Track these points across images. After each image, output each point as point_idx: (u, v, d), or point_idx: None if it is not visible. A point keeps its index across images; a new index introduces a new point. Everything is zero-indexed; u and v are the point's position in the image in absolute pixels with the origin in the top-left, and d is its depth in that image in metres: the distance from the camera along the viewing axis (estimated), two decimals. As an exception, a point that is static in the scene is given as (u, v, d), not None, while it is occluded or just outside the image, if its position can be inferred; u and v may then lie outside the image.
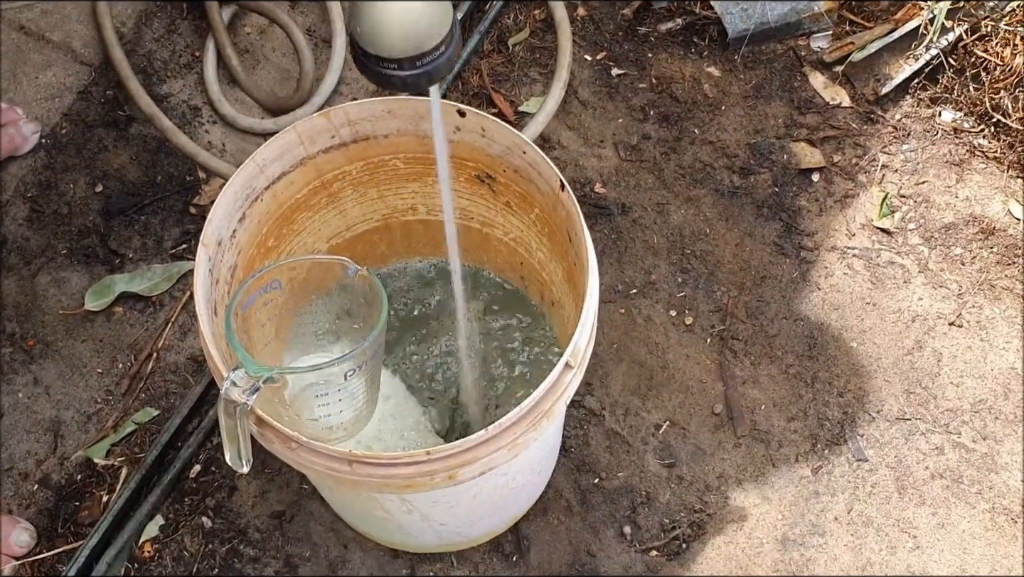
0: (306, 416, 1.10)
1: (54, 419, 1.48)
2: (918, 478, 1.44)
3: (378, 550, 1.40)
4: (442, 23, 0.88)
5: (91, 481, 1.44)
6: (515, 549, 1.40)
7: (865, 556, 1.40)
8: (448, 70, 0.92)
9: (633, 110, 1.69)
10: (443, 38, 0.89)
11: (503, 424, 0.99)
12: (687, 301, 1.55)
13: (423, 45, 0.88)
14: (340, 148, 1.18)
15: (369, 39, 0.88)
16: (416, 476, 1.00)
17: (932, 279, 1.56)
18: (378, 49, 0.88)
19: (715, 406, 1.49)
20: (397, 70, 0.89)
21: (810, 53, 1.73)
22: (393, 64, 0.89)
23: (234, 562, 1.40)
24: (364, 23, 0.87)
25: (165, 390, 1.50)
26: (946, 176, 1.63)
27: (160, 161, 1.65)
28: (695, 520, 1.42)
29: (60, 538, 1.41)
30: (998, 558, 1.39)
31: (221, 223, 1.10)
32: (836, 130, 1.67)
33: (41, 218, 1.61)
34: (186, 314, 1.55)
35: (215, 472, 1.44)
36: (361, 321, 1.12)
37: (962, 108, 1.66)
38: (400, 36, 0.87)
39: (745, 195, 1.63)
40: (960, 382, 1.50)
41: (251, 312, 1.09)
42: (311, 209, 1.24)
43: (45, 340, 1.53)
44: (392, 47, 0.88)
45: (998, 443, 1.46)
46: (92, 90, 1.70)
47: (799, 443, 1.46)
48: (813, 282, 1.57)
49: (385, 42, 0.87)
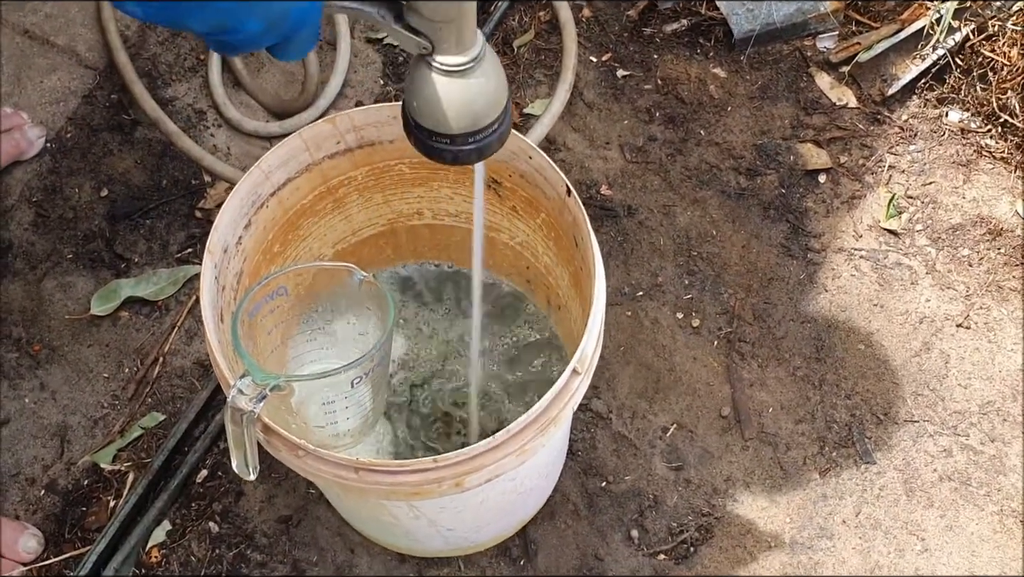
0: (313, 423, 1.10)
1: (60, 424, 1.48)
2: (926, 480, 1.44)
3: (385, 555, 1.40)
4: (498, 103, 0.88)
5: (98, 486, 1.44)
6: (522, 553, 1.40)
7: (873, 559, 1.39)
8: (499, 146, 0.91)
9: (639, 111, 1.69)
10: (498, 116, 0.88)
11: (511, 431, 0.99)
12: (694, 303, 1.55)
13: (478, 123, 0.88)
14: (346, 154, 1.17)
15: (424, 114, 0.87)
16: (423, 483, 1.00)
17: (939, 280, 1.55)
18: (432, 124, 0.87)
19: (722, 409, 1.48)
20: (449, 145, 0.89)
21: (816, 54, 1.72)
22: (445, 139, 0.88)
23: (241, 567, 1.39)
24: (420, 98, 0.86)
25: (171, 395, 1.50)
26: (953, 177, 1.62)
27: (165, 165, 1.65)
28: (703, 523, 1.42)
29: (67, 544, 1.41)
30: (1006, 560, 1.39)
31: (227, 230, 1.10)
32: (843, 131, 1.67)
33: (46, 223, 1.61)
34: (192, 318, 1.54)
35: (222, 477, 1.44)
36: (367, 328, 1.12)
37: (969, 108, 1.65)
38: (455, 115, 0.86)
39: (751, 196, 1.62)
40: (968, 384, 1.49)
41: (257, 319, 1.09)
42: (317, 215, 1.24)
43: (51, 345, 1.53)
44: (447, 124, 0.87)
45: (1006, 445, 1.45)
46: (97, 94, 1.69)
47: (807, 446, 1.46)
48: (820, 284, 1.56)
49: (440, 119, 0.87)
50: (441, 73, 0.85)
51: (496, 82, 0.87)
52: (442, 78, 0.85)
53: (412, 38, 0.83)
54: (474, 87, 0.86)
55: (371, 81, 1.72)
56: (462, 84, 0.85)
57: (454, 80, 0.85)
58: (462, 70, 0.84)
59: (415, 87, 0.87)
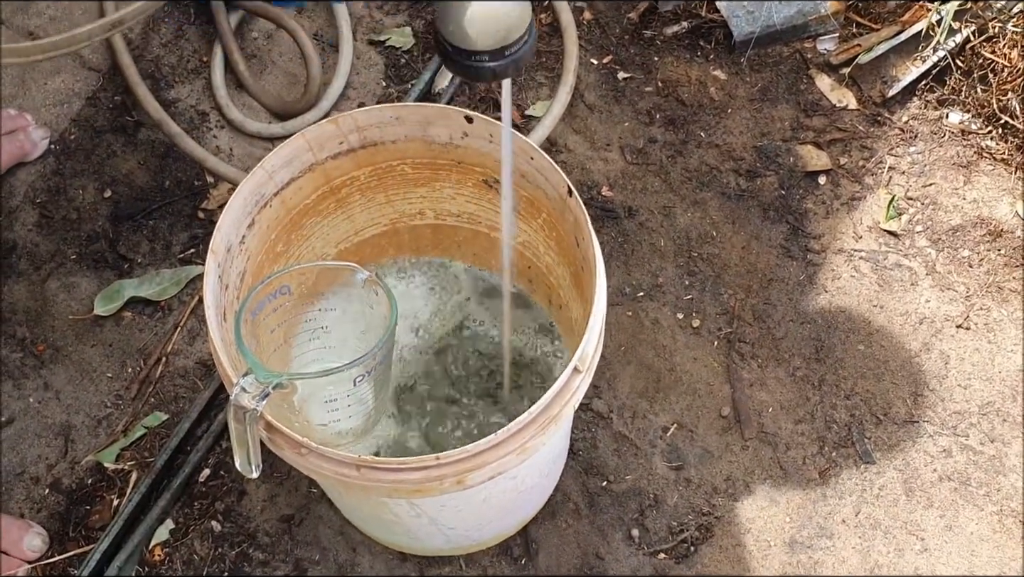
0: (315, 421, 1.10)
1: (64, 424, 1.49)
2: (926, 480, 1.44)
3: (387, 553, 1.40)
4: (524, 13, 0.93)
5: (101, 485, 1.45)
6: (524, 552, 1.40)
7: (873, 558, 1.40)
8: (531, 58, 0.99)
9: (639, 113, 1.69)
10: (526, 28, 0.94)
11: (512, 429, 1.00)
12: (694, 304, 1.56)
13: (510, 36, 0.93)
14: (348, 154, 1.18)
15: (460, 36, 0.93)
16: (425, 481, 1.00)
17: (939, 281, 1.56)
18: (469, 44, 0.93)
19: (722, 409, 1.49)
20: (488, 61, 0.94)
21: (816, 55, 1.73)
22: (485, 56, 0.94)
23: (244, 566, 1.40)
24: (454, 21, 0.92)
25: (174, 394, 1.51)
26: (953, 178, 1.63)
27: (168, 166, 1.66)
28: (703, 523, 1.42)
29: (71, 542, 1.42)
30: (1006, 560, 1.39)
31: (230, 230, 1.11)
32: (843, 132, 1.67)
33: (50, 224, 1.61)
34: (195, 318, 1.55)
35: (224, 476, 1.45)
36: (370, 326, 1.13)
37: (969, 110, 1.66)
38: (491, 30, 0.92)
39: (751, 198, 1.63)
40: (968, 384, 1.50)
41: (260, 318, 1.09)
42: (319, 214, 1.24)
43: (55, 345, 1.54)
44: (483, 41, 0.93)
45: (1006, 445, 1.46)
46: (100, 96, 1.70)
47: (806, 445, 1.47)
48: (820, 285, 1.57)
49: (476, 37, 0.92)
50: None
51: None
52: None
53: None
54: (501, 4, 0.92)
55: (373, 83, 1.73)
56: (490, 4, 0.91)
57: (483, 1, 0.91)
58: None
59: (448, 14, 0.92)
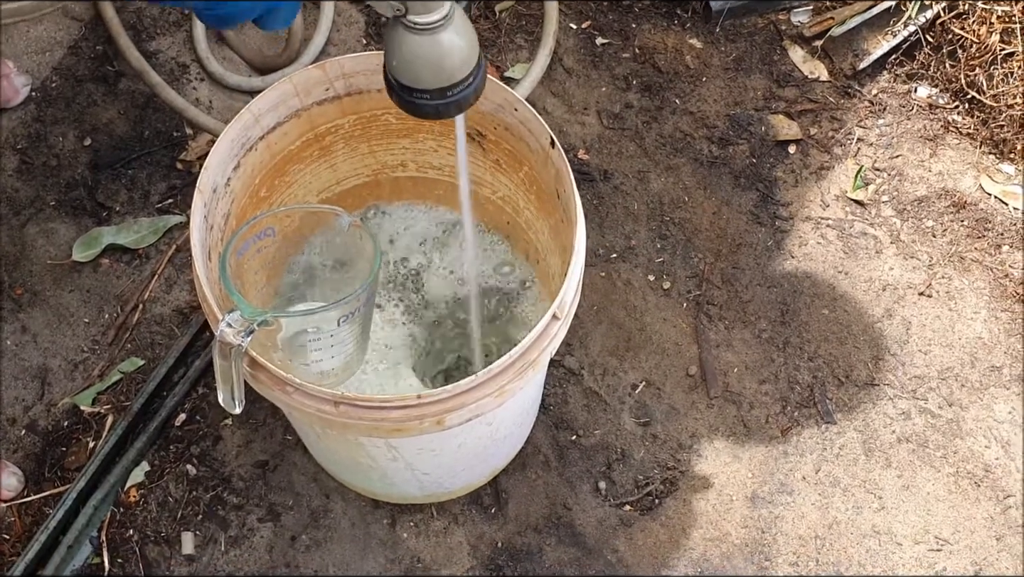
0: (298, 361, 1.12)
1: (41, 367, 1.50)
2: (885, 441, 1.48)
3: (360, 500, 1.43)
4: (471, 57, 0.94)
5: (78, 428, 1.47)
6: (494, 502, 1.43)
7: (832, 515, 1.44)
8: (475, 99, 0.97)
9: (616, 79, 1.72)
10: (472, 70, 0.94)
11: (492, 371, 1.03)
12: (665, 266, 1.59)
13: (453, 77, 0.93)
14: (334, 101, 1.20)
15: (403, 71, 0.93)
16: (405, 420, 1.03)
17: (903, 250, 1.60)
18: (411, 81, 0.93)
19: (690, 368, 1.52)
20: (429, 100, 0.95)
21: (790, 27, 1.76)
22: (426, 95, 0.94)
23: (217, 509, 1.42)
24: (399, 57, 0.92)
25: (151, 341, 1.52)
26: (920, 151, 1.67)
27: (148, 117, 1.67)
28: (668, 477, 1.46)
29: (47, 482, 1.43)
30: (961, 520, 1.44)
31: (216, 170, 1.12)
32: (813, 103, 1.71)
33: (30, 170, 1.62)
34: (172, 267, 1.57)
35: (200, 421, 1.47)
36: (353, 269, 1.15)
37: (938, 84, 1.70)
38: (433, 70, 0.92)
39: (723, 165, 1.66)
40: (928, 350, 1.54)
41: (245, 259, 1.11)
42: (303, 161, 1.26)
43: (33, 289, 1.55)
44: (425, 80, 0.93)
45: (964, 410, 1.50)
46: (82, 45, 1.71)
47: (770, 405, 1.50)
48: (787, 250, 1.61)
49: (419, 75, 0.92)
50: (415, 31, 0.90)
51: (468, 37, 0.93)
52: (417, 36, 0.90)
53: (386, 1, 0.88)
54: (446, 43, 0.91)
55: (353, 40, 1.75)
56: (436, 40, 0.91)
57: (429, 37, 0.90)
58: (435, 27, 0.90)
59: (393, 47, 0.92)
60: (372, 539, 1.41)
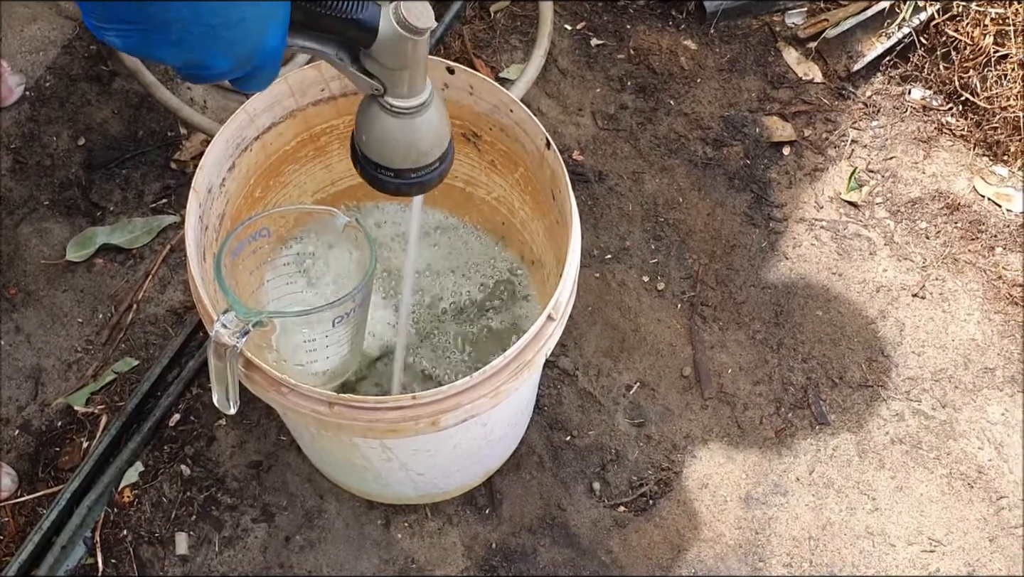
0: (292, 362, 1.12)
1: (35, 367, 1.50)
2: (878, 443, 1.49)
3: (354, 501, 1.43)
4: (441, 143, 0.94)
5: (71, 428, 1.46)
6: (488, 502, 1.43)
7: (825, 516, 1.44)
8: (439, 182, 0.97)
9: (611, 80, 1.72)
10: (440, 155, 0.95)
11: (487, 372, 1.03)
12: (659, 267, 1.59)
13: (421, 160, 0.94)
14: (329, 101, 1.20)
15: (371, 148, 0.93)
16: (400, 421, 1.03)
17: (897, 252, 1.60)
18: (378, 158, 0.94)
19: (684, 369, 1.53)
20: (393, 177, 0.95)
21: (785, 29, 1.77)
22: (390, 172, 0.95)
23: (211, 509, 1.42)
24: (369, 134, 0.92)
25: (145, 341, 1.52)
26: (914, 152, 1.67)
27: (142, 116, 1.67)
28: (662, 478, 1.46)
29: (41, 482, 1.43)
30: (954, 521, 1.44)
31: (212, 170, 1.12)
32: (808, 105, 1.71)
33: (24, 169, 1.62)
34: (166, 267, 1.57)
35: (194, 422, 1.47)
36: (348, 271, 1.15)
37: (931, 86, 1.71)
38: (402, 151, 0.93)
39: (717, 166, 1.66)
40: (921, 351, 1.54)
41: (240, 259, 1.11)
42: (298, 162, 1.26)
43: (27, 289, 1.54)
44: (392, 159, 0.93)
45: (957, 411, 1.51)
46: (76, 44, 1.71)
47: (764, 406, 1.51)
48: (781, 252, 1.61)
49: (387, 154, 0.93)
50: (391, 113, 0.90)
51: (440, 125, 0.93)
52: (392, 118, 0.91)
53: (367, 80, 0.88)
54: (421, 128, 0.92)
55: (349, 41, 1.75)
56: (410, 124, 0.91)
57: (403, 120, 0.91)
58: (411, 112, 0.90)
59: (366, 123, 0.92)
60: (366, 540, 1.41)
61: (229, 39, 0.73)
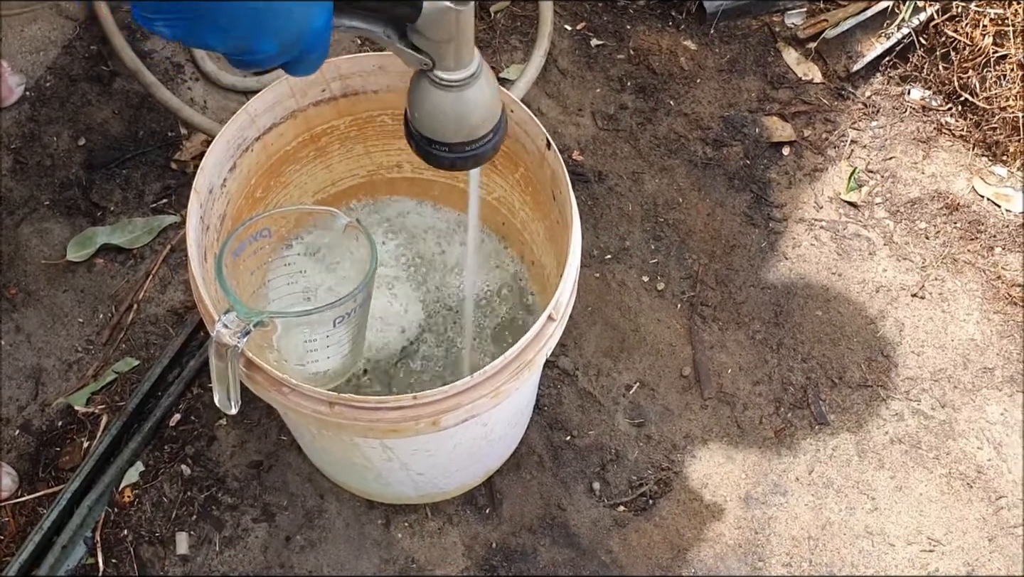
0: (293, 362, 1.12)
1: (35, 367, 1.50)
2: (878, 443, 1.49)
3: (354, 501, 1.43)
4: (493, 115, 0.94)
5: (72, 428, 1.47)
6: (488, 502, 1.44)
7: (825, 516, 1.44)
8: (494, 154, 0.98)
9: (611, 80, 1.72)
10: (493, 127, 0.95)
11: (487, 372, 1.03)
12: (659, 267, 1.59)
13: (474, 133, 0.94)
14: (330, 102, 1.20)
15: (425, 124, 0.94)
16: (401, 421, 1.03)
17: (896, 252, 1.61)
18: (431, 133, 0.94)
19: (684, 369, 1.53)
20: (447, 152, 0.95)
21: (784, 29, 1.77)
22: (444, 147, 0.95)
23: (212, 509, 1.42)
24: (422, 109, 0.92)
25: (145, 341, 1.52)
26: (913, 153, 1.68)
27: (142, 116, 1.67)
28: (662, 477, 1.46)
29: (41, 482, 1.43)
30: (953, 521, 1.44)
31: (212, 171, 1.12)
32: (807, 105, 1.71)
33: (24, 169, 1.62)
34: (166, 267, 1.57)
35: (195, 421, 1.47)
36: (349, 271, 1.15)
37: (931, 87, 1.71)
38: (455, 125, 0.93)
39: (717, 166, 1.67)
40: (921, 351, 1.55)
41: (240, 259, 1.11)
42: (299, 162, 1.26)
43: (27, 289, 1.55)
44: (446, 133, 0.94)
45: (956, 411, 1.51)
46: (76, 44, 1.71)
47: (763, 406, 1.51)
48: (781, 252, 1.61)
49: (440, 129, 0.93)
50: (441, 87, 0.90)
51: (491, 96, 0.94)
52: (442, 92, 0.91)
53: (415, 55, 0.88)
54: (471, 100, 0.92)
55: (348, 40, 1.75)
56: (460, 97, 0.91)
57: (453, 93, 0.91)
58: (461, 84, 0.90)
59: (417, 99, 0.93)
60: (366, 539, 1.41)
61: (274, 24, 0.73)
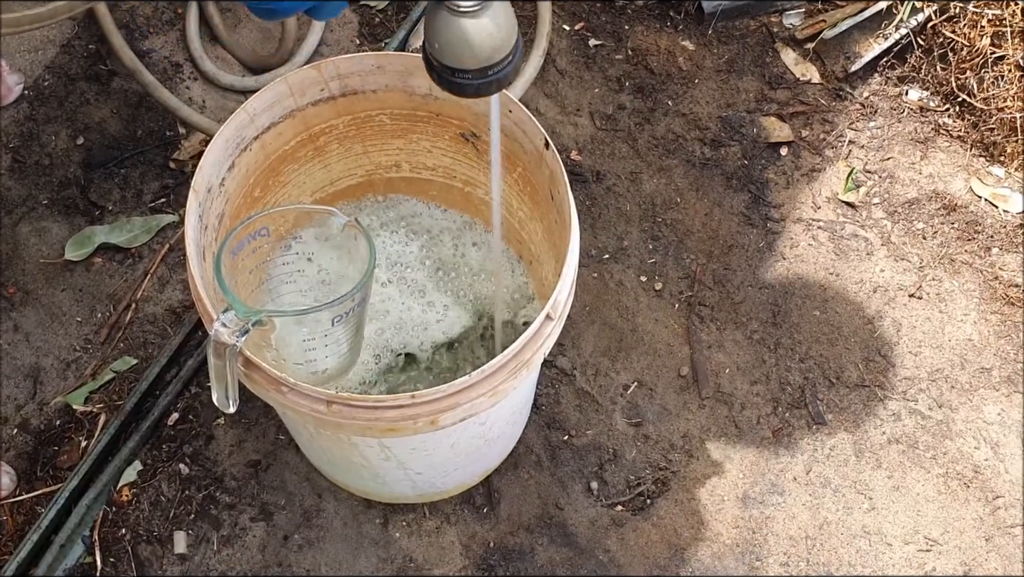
0: (292, 361, 1.13)
1: (34, 366, 1.50)
2: (875, 442, 1.49)
3: (352, 500, 1.43)
4: (511, 37, 0.96)
5: (70, 427, 1.47)
6: (486, 501, 1.44)
7: (822, 515, 1.45)
8: (515, 77, 0.99)
9: (609, 80, 1.73)
10: (511, 50, 0.96)
11: (486, 371, 1.03)
12: (657, 267, 1.59)
13: (494, 57, 0.95)
14: (329, 101, 1.20)
15: (446, 53, 0.95)
16: (399, 420, 1.03)
17: (894, 252, 1.61)
18: (454, 62, 0.95)
19: (681, 369, 1.53)
20: (472, 79, 0.97)
21: (782, 30, 1.77)
22: (468, 74, 0.96)
23: (210, 508, 1.42)
24: (441, 39, 0.94)
25: (143, 340, 1.52)
26: (911, 153, 1.68)
27: (141, 116, 1.67)
28: (660, 477, 1.46)
29: (39, 481, 1.43)
30: (950, 520, 1.44)
31: (211, 170, 1.12)
32: (805, 106, 1.72)
33: (23, 168, 1.62)
34: (165, 266, 1.57)
35: (193, 421, 1.47)
36: (347, 270, 1.15)
37: (929, 87, 1.71)
38: (475, 51, 0.94)
39: (715, 167, 1.67)
40: (918, 352, 1.55)
41: (239, 258, 1.11)
42: (297, 162, 1.26)
43: (26, 288, 1.55)
44: (467, 60, 0.95)
45: (953, 411, 1.51)
46: (75, 43, 1.71)
47: (761, 406, 1.51)
48: (779, 252, 1.61)
49: (461, 56, 0.95)
50: (458, 14, 0.92)
51: (507, 17, 0.95)
52: (460, 19, 0.92)
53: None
54: (488, 24, 0.93)
55: (347, 40, 1.75)
56: (477, 23, 0.93)
57: (470, 19, 0.93)
58: (476, 9, 0.92)
59: (435, 31, 0.94)
60: (364, 538, 1.41)
61: None
